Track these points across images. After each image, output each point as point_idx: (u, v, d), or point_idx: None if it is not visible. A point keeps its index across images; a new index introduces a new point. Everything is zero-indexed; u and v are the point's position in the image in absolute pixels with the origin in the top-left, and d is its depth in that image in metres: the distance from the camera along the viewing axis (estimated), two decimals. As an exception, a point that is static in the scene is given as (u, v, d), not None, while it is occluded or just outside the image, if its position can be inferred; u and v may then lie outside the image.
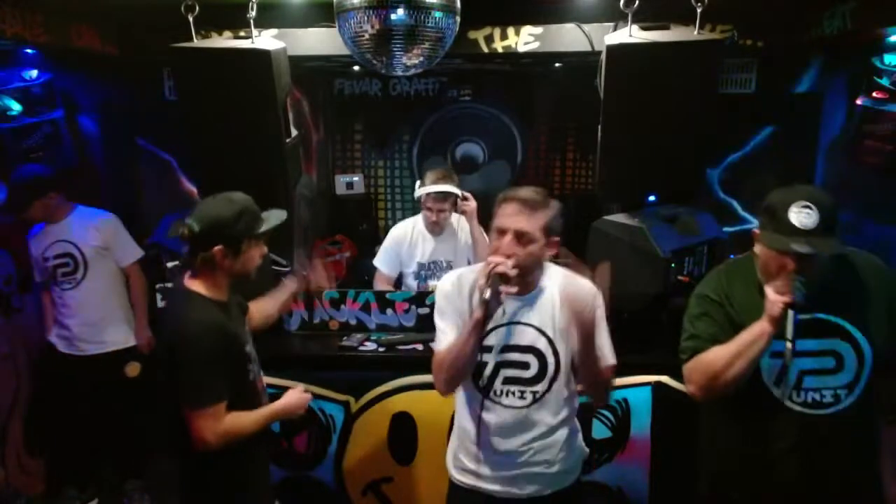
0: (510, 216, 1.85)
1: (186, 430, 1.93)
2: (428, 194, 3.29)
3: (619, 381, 2.87)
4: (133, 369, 3.34)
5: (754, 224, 3.67)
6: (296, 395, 2.20)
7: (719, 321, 1.89)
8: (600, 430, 2.90)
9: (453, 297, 1.98)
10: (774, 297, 1.73)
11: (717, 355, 1.83)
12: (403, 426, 2.91)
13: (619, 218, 2.85)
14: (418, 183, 3.39)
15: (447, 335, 1.94)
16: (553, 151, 5.11)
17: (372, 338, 3.07)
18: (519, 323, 1.94)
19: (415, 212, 3.54)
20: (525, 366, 1.94)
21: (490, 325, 1.87)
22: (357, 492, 3.00)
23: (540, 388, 1.95)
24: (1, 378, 3.38)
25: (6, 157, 3.48)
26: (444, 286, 2.02)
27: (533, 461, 1.97)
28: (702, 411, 2.07)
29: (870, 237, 3.13)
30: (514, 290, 1.82)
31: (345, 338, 3.07)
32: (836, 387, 1.80)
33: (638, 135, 2.68)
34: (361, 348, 3.00)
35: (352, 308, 3.19)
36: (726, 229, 3.37)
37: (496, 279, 1.77)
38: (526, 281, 1.89)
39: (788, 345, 1.70)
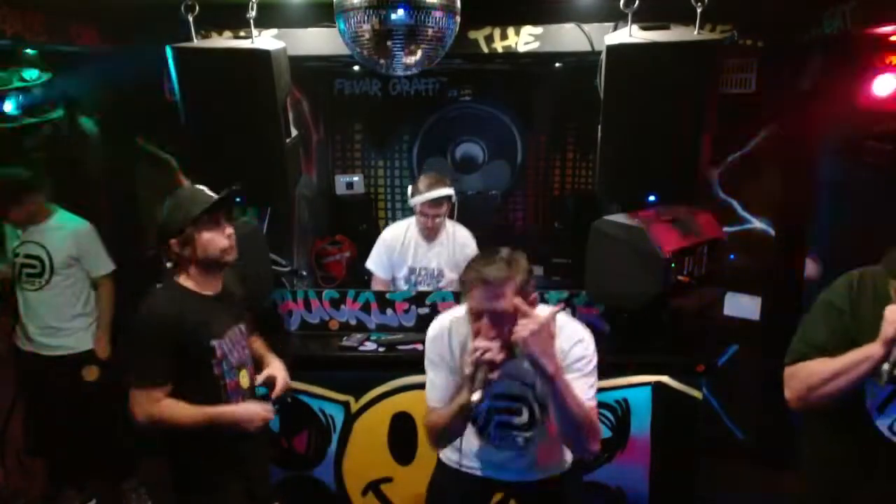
0: (481, 300, 1.77)
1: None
2: (420, 203, 3.28)
3: (619, 381, 2.90)
4: (91, 373, 3.28)
5: (754, 224, 3.70)
6: (253, 408, 2.14)
7: (835, 332, 1.76)
8: (600, 430, 2.90)
9: (441, 347, 1.98)
10: (893, 317, 1.59)
11: (818, 368, 1.72)
12: (403, 426, 2.91)
13: (619, 218, 2.85)
14: (410, 189, 3.38)
15: (436, 389, 1.97)
16: (553, 151, 5.10)
17: (372, 338, 3.07)
18: (507, 377, 1.93)
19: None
20: (517, 412, 1.98)
21: None
22: (357, 492, 3.00)
23: (532, 434, 1.99)
24: (1, 378, 3.38)
25: (6, 157, 3.47)
26: (432, 334, 2.02)
27: (518, 472, 2.05)
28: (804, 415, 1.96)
29: (869, 238, 3.13)
30: (495, 376, 1.78)
31: (345, 338, 3.08)
32: None
33: (638, 135, 2.68)
34: (361, 348, 3.00)
35: (352, 308, 3.20)
36: (726, 229, 3.37)
37: (483, 368, 1.74)
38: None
39: (886, 366, 1.58)
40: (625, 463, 2.92)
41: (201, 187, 2.15)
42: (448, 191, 3.28)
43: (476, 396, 1.72)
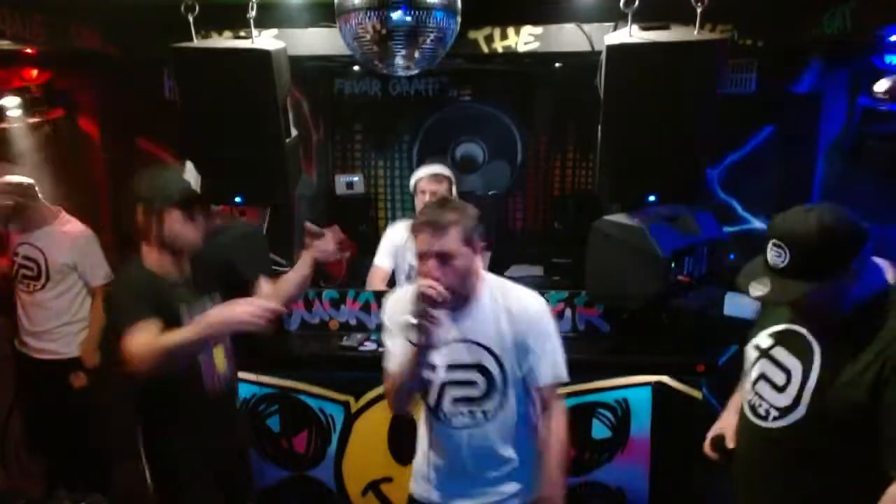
0: (425, 240, 1.81)
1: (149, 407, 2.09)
2: (420, 178, 3.32)
3: (619, 381, 2.90)
4: (78, 379, 3.26)
5: (754, 224, 3.70)
6: (251, 303, 1.90)
7: None
8: (600, 430, 2.90)
9: (395, 316, 1.95)
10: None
11: None
12: (403, 426, 2.91)
13: (619, 218, 2.85)
14: (413, 177, 3.42)
15: (394, 356, 1.92)
16: (553, 151, 5.10)
17: (372, 338, 3.07)
18: (461, 340, 1.90)
19: (415, 212, 3.56)
20: (472, 384, 1.90)
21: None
22: (357, 492, 3.00)
23: (490, 406, 1.91)
24: (1, 378, 3.38)
25: (6, 157, 3.48)
26: (386, 306, 2.02)
27: (482, 481, 1.94)
28: None
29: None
30: (439, 315, 1.76)
31: (345, 338, 3.08)
32: (774, 404, 1.70)
33: (638, 135, 2.68)
34: (361, 348, 3.00)
35: (352, 308, 3.20)
36: (726, 229, 3.36)
37: (421, 303, 1.73)
38: (462, 296, 1.86)
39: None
40: (625, 463, 2.92)
41: (189, 169, 2.15)
42: (449, 172, 3.34)
43: (414, 321, 1.73)
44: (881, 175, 3.14)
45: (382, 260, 3.54)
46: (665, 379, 2.86)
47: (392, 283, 3.61)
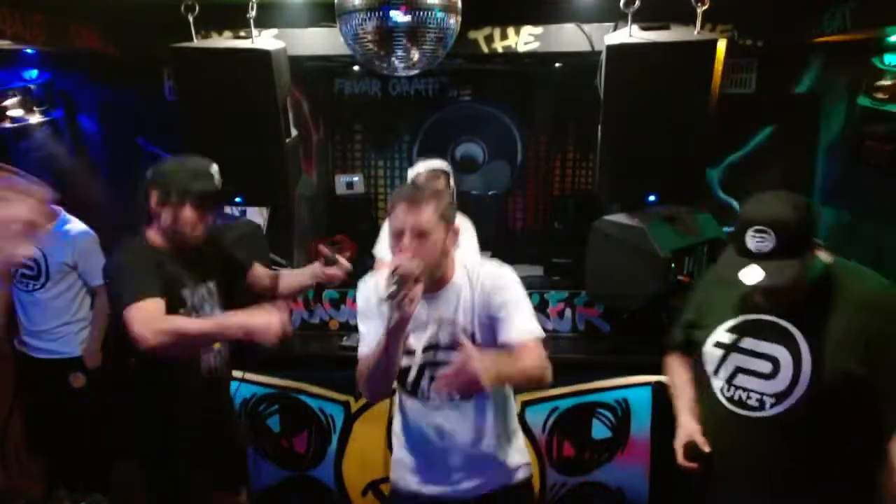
0: (401, 216, 1.79)
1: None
2: (418, 174, 3.26)
3: (619, 381, 2.90)
4: (77, 380, 3.25)
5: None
6: (269, 317, 1.91)
7: None
8: (600, 430, 2.90)
9: (373, 301, 1.92)
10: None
11: None
12: (403, 426, 2.91)
13: (619, 218, 2.85)
14: (410, 171, 3.39)
15: (368, 338, 1.89)
16: (553, 151, 5.10)
17: (372, 338, 3.07)
18: (437, 322, 1.88)
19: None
20: (447, 364, 1.84)
21: (409, 328, 1.84)
22: (357, 492, 3.00)
23: None
24: (1, 378, 3.38)
25: (6, 157, 3.47)
26: (363, 290, 1.99)
27: (462, 461, 1.92)
28: None
29: (869, 238, 3.13)
30: (416, 293, 1.70)
31: (345, 338, 3.08)
32: (767, 392, 1.73)
33: (638, 135, 2.68)
34: (361, 348, 3.00)
35: (352, 308, 3.20)
36: (726, 229, 3.36)
37: (398, 281, 1.67)
38: (436, 277, 1.85)
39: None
40: (625, 463, 2.92)
41: (214, 169, 2.14)
42: (446, 166, 3.27)
43: (388, 298, 1.66)
44: (881, 175, 3.14)
45: (386, 253, 3.50)
46: (665, 379, 2.86)
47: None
